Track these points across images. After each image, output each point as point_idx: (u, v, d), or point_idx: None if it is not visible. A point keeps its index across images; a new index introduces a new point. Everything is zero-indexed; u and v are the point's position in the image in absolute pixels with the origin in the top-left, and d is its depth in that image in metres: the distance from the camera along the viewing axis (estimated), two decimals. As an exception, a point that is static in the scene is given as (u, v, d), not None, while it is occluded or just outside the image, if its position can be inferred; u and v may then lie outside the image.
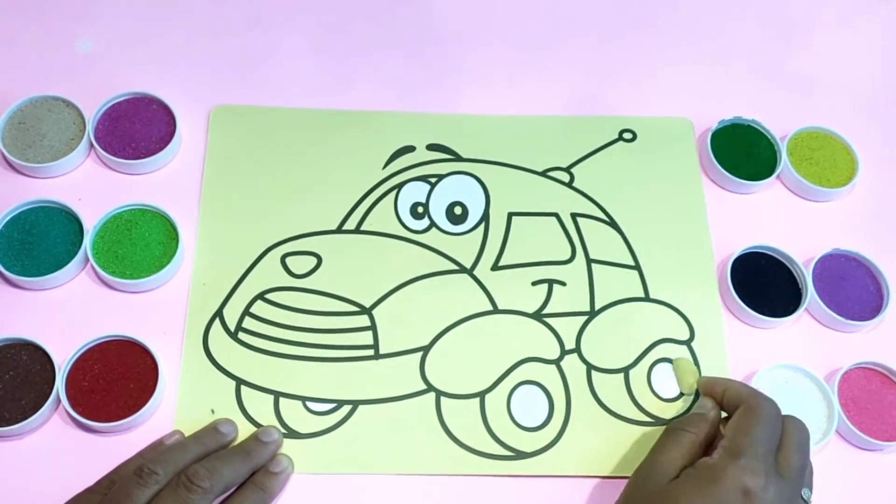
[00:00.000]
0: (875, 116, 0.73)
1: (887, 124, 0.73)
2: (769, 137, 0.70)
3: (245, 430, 0.55)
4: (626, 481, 0.56)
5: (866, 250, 0.65)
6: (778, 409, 0.53)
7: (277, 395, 0.57)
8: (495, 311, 0.61)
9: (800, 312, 0.63)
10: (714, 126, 0.69)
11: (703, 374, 0.60)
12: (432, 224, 0.63)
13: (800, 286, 0.64)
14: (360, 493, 0.55)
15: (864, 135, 0.71)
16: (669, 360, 0.61)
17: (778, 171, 0.68)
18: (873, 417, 0.60)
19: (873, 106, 0.74)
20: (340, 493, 0.55)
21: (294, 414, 0.56)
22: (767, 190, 0.69)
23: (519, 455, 0.57)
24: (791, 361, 0.61)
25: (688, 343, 0.61)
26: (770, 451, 0.51)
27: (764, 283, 0.64)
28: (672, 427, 0.55)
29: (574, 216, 0.65)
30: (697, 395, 0.59)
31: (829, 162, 0.69)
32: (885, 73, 0.76)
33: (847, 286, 0.64)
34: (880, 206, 0.69)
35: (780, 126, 0.70)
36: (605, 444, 0.58)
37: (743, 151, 0.69)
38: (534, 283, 0.62)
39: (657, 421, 0.59)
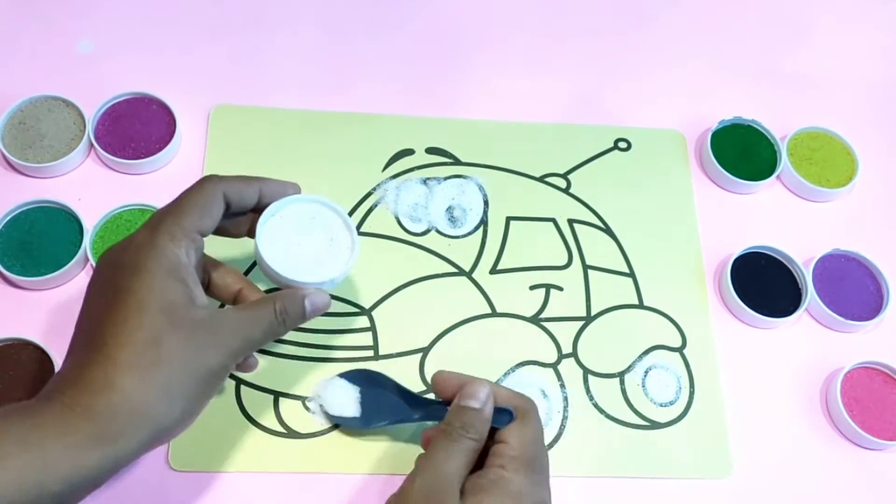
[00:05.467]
0: (875, 116, 0.73)
1: (887, 124, 0.73)
2: (769, 137, 0.70)
3: (246, 430, 0.56)
4: (622, 481, 0.57)
5: (866, 250, 0.65)
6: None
7: (277, 394, 0.57)
8: (494, 314, 0.61)
9: (800, 312, 0.63)
10: (714, 126, 0.69)
11: (694, 382, 0.60)
12: (431, 227, 0.64)
13: (800, 286, 0.64)
14: (360, 493, 0.55)
15: (864, 135, 0.71)
16: (663, 367, 0.61)
17: (778, 171, 0.68)
18: (876, 417, 0.60)
19: (873, 106, 0.74)
20: (340, 493, 0.55)
21: (294, 414, 0.56)
22: (767, 190, 0.69)
23: (518, 455, 0.57)
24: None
25: (680, 350, 0.62)
26: (545, 458, 0.50)
27: (764, 283, 0.64)
28: (451, 432, 0.49)
29: (571, 222, 0.65)
30: (690, 400, 0.59)
31: (829, 162, 0.69)
32: (885, 73, 0.76)
33: (847, 286, 0.64)
34: (880, 206, 0.69)
35: (780, 126, 0.70)
36: (601, 445, 0.58)
37: (743, 151, 0.69)
38: (531, 288, 0.62)
39: (652, 424, 0.59)
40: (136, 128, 0.64)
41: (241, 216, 0.51)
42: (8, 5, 0.69)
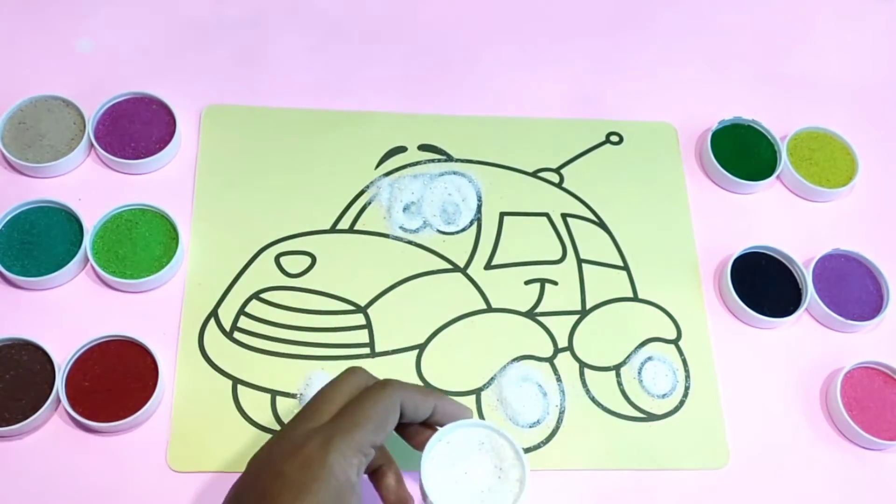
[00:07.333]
0: (875, 116, 0.73)
1: (887, 124, 0.73)
2: (769, 137, 0.69)
3: (244, 430, 0.56)
4: (620, 473, 0.56)
5: (866, 250, 0.65)
6: None
7: (274, 393, 0.57)
8: (489, 309, 0.61)
9: (800, 312, 0.63)
10: (714, 126, 0.69)
11: (690, 373, 0.60)
12: (425, 223, 0.64)
13: (800, 286, 0.64)
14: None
15: (864, 135, 0.71)
16: (659, 359, 0.61)
17: (778, 171, 0.68)
18: (876, 416, 0.60)
19: (873, 106, 0.74)
20: (338, 493, 0.55)
21: (291, 413, 0.56)
22: (767, 190, 0.69)
23: (516, 452, 0.57)
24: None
25: (675, 342, 0.62)
26: None
27: (764, 283, 0.64)
28: None
29: (564, 216, 0.65)
30: (686, 391, 0.59)
31: (829, 162, 0.69)
32: (885, 73, 0.76)
33: (847, 286, 0.64)
34: (880, 206, 0.69)
35: (780, 126, 0.70)
36: (598, 438, 0.58)
37: (743, 151, 0.69)
38: (526, 283, 0.62)
39: (649, 416, 0.59)
40: (136, 128, 0.64)
41: (409, 425, 0.48)
42: (8, 5, 0.69)
